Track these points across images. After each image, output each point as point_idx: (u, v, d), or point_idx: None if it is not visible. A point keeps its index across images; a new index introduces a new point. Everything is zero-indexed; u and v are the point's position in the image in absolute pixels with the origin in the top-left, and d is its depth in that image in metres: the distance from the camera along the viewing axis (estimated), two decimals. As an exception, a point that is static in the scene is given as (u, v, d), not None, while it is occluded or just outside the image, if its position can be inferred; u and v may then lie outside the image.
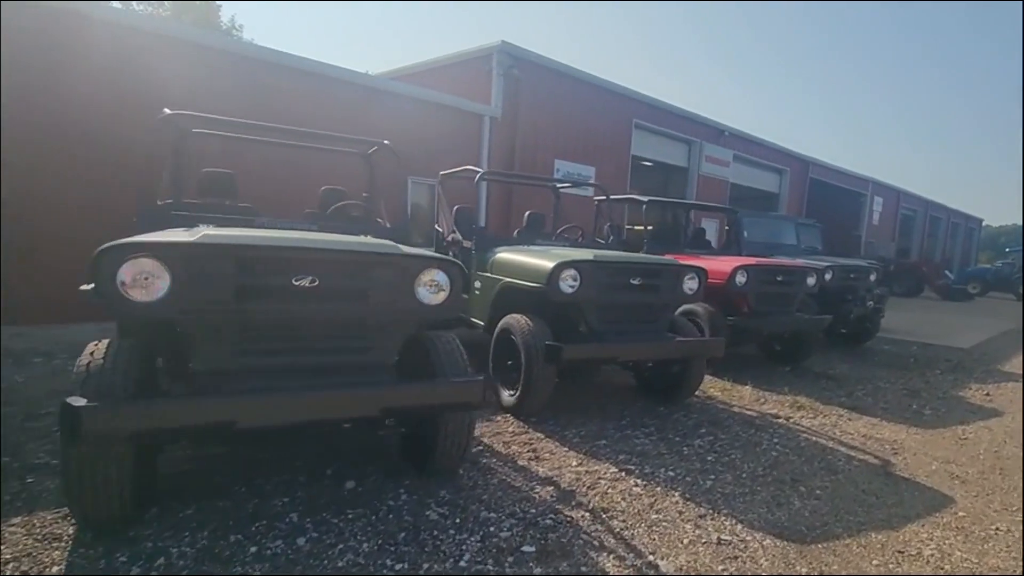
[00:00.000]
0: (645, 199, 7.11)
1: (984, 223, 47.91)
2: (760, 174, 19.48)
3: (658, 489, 3.00)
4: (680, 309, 5.98)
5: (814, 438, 4.06)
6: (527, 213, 6.52)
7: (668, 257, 5.23)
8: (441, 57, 12.28)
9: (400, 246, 2.70)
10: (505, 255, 4.52)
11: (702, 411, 4.53)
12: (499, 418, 4.02)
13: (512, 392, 4.02)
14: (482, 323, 4.66)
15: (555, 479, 3.03)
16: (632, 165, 16.70)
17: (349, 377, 2.50)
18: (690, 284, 4.39)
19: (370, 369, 2.59)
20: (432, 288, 2.62)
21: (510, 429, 3.80)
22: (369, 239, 2.99)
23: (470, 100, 10.84)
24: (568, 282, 3.84)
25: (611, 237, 6.46)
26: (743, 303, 5.98)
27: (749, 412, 4.61)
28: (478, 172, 5.28)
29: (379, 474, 2.94)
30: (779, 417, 4.50)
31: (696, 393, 5.04)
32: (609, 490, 2.94)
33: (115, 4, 28.67)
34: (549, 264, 3.86)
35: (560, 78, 12.06)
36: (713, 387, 5.35)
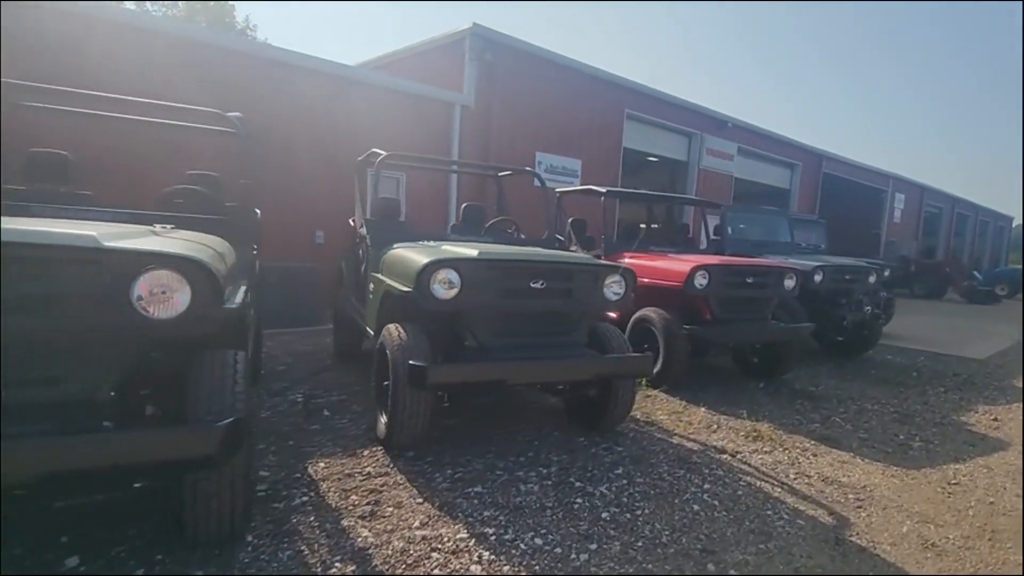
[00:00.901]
0: (603, 189, 6.30)
1: (1015, 222, 45.68)
2: (769, 169, 18.41)
3: (506, 569, 2.23)
4: (636, 315, 5.23)
5: (760, 483, 3.24)
6: (464, 205, 5.78)
7: (598, 257, 4.43)
8: (415, 44, 11.58)
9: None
10: (392, 252, 3.77)
11: (632, 442, 3.74)
12: (366, 451, 3.29)
13: (385, 420, 3.29)
14: (372, 333, 3.93)
15: (372, 551, 2.28)
16: (636, 160, 15.85)
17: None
18: (614, 288, 3.59)
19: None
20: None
21: (367, 468, 3.06)
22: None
23: (441, 88, 10.12)
24: (443, 285, 3.08)
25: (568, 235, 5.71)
26: (705, 308, 5.15)
27: (690, 444, 3.79)
28: (380, 155, 4.54)
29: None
30: (725, 452, 3.68)
31: (638, 417, 4.26)
32: (436, 570, 2.18)
33: (129, 5, 28.80)
34: (420, 262, 3.11)
35: (541, 64, 11.26)
36: (662, 409, 4.54)
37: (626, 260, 5.77)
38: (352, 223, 5.38)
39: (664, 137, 14.65)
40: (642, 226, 8.00)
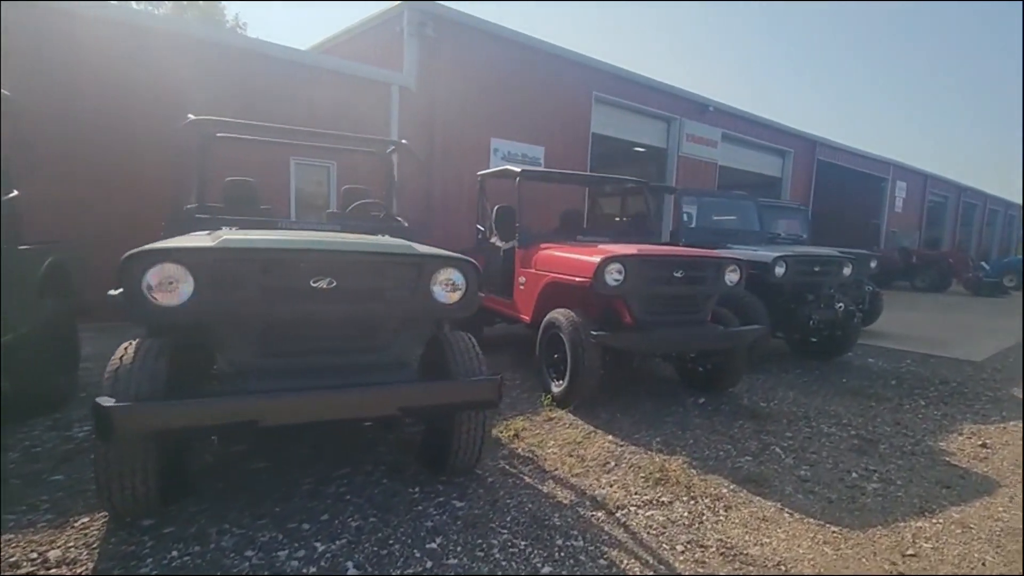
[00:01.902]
0: (518, 169, 5.36)
1: (1027, 210, 44.14)
2: (758, 156, 17.37)
3: None
4: (546, 319, 4.31)
5: (628, 560, 2.29)
6: (343, 188, 4.87)
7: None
8: (355, 24, 10.66)
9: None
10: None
11: (484, 493, 2.80)
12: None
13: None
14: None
15: None
16: (621, 150, 14.89)
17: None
18: (447, 287, 2.65)
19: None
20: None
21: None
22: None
23: (376, 67, 9.20)
24: (164, 288, 2.16)
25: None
26: (624, 309, 4.20)
27: (564, 494, 2.85)
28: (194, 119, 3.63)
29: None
30: (605, 507, 2.73)
31: (519, 451, 3.33)
32: None
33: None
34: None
35: (494, 42, 10.31)
36: (557, 438, 3.60)
37: (540, 252, 4.84)
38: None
39: (640, 122, 13.66)
40: (617, 218, 7.06)
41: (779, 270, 5.71)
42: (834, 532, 2.59)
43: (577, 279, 4.15)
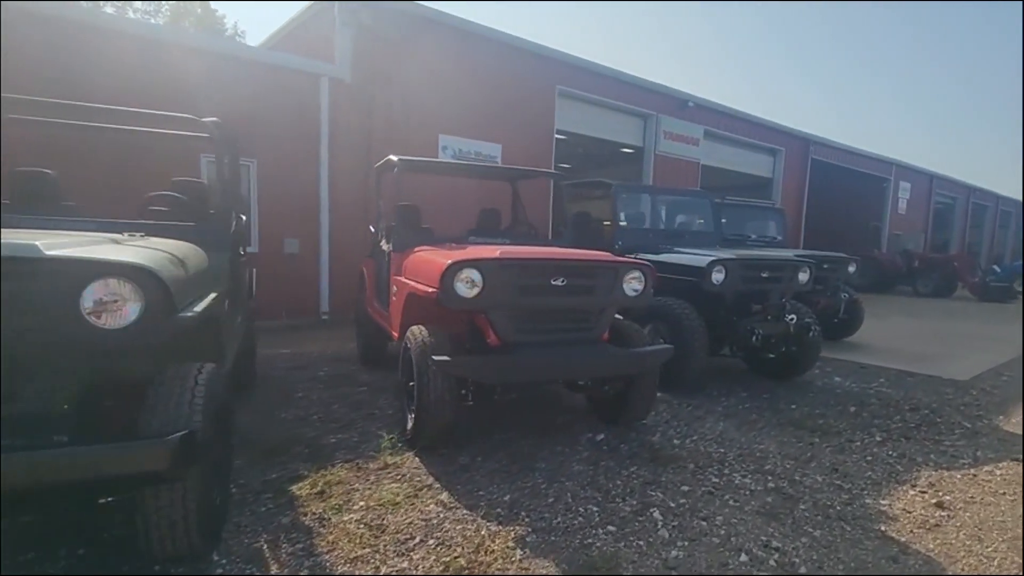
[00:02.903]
0: (396, 159, 4.56)
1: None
2: (746, 155, 16.44)
3: None
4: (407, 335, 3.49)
5: None
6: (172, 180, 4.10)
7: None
8: (296, 15, 9.96)
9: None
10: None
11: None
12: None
13: None
14: None
15: None
16: (607, 151, 14.03)
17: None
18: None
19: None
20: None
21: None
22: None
23: (302, 57, 8.46)
24: None
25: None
26: (487, 327, 3.37)
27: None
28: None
29: None
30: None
31: (305, 522, 2.51)
32: None
33: (108, 8, 27.83)
34: None
35: (442, 31, 9.54)
36: (377, 495, 2.77)
37: (410, 257, 4.02)
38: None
39: (612, 119, 12.82)
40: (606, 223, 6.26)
41: (717, 276, 4.84)
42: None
43: (427, 289, 3.33)
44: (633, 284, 3.58)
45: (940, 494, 3.08)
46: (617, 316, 3.82)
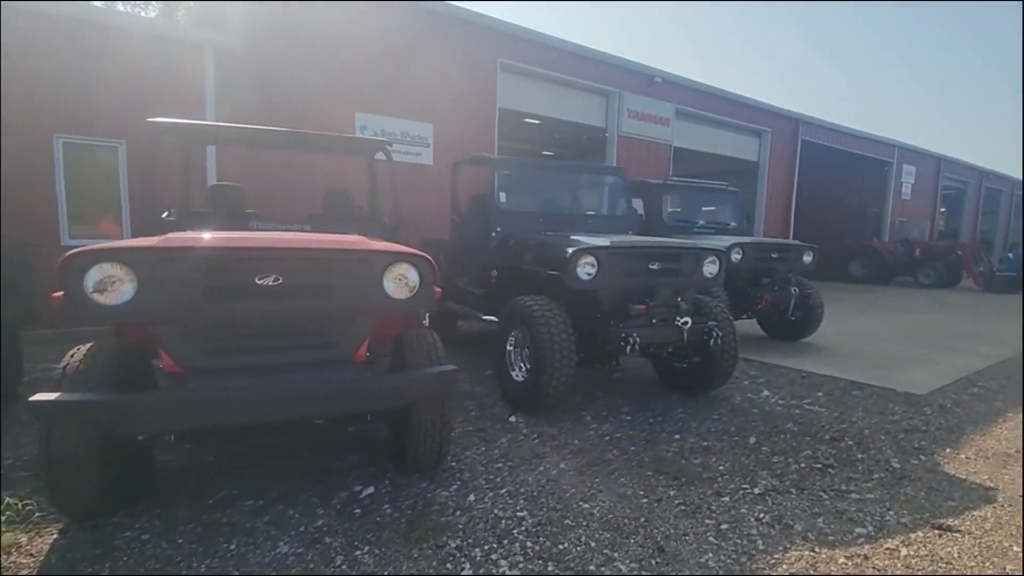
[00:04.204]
0: (160, 121, 3.58)
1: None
2: (727, 136, 15.22)
3: None
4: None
5: None
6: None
7: None
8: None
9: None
10: None
11: None
12: None
13: None
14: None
15: None
16: (588, 136, 12.89)
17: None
18: None
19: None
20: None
21: None
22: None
23: (184, 25, 7.50)
24: None
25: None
26: (160, 349, 2.37)
27: None
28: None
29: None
30: None
31: None
32: None
33: (98, 4, 27.05)
34: None
35: (355, -4, 8.51)
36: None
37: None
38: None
39: (569, 97, 11.72)
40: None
41: (586, 270, 3.81)
42: None
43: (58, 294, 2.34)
44: (400, 281, 2.57)
45: (798, 598, 2.05)
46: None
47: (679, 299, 4.07)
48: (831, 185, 20.65)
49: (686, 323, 3.89)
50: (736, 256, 6.28)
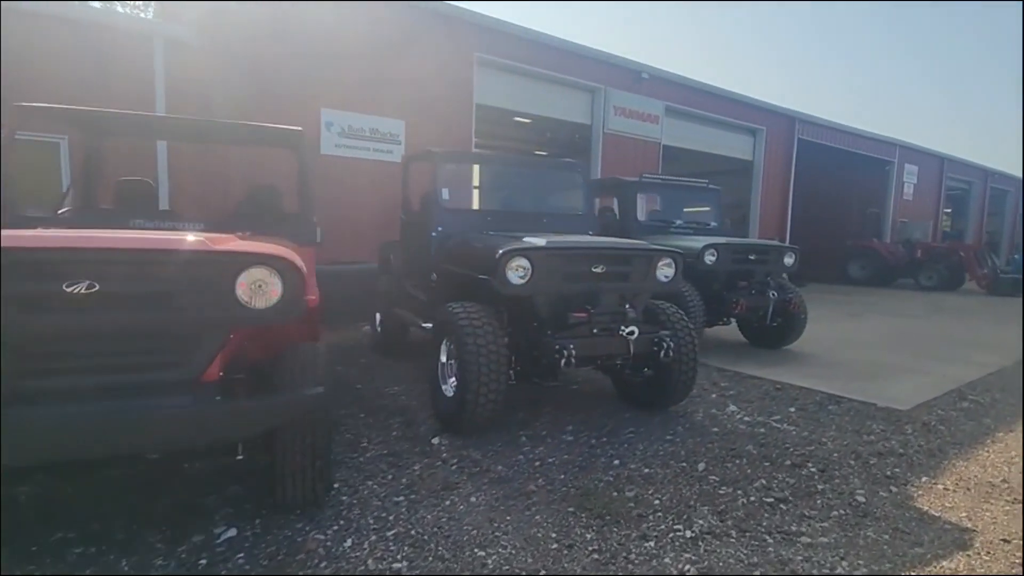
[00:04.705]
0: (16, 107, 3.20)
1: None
2: (720, 135, 14.77)
3: None
4: None
5: None
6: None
7: None
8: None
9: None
10: None
11: None
12: None
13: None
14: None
15: None
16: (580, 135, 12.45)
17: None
18: None
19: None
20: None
21: None
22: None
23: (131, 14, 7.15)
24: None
25: None
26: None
27: None
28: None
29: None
30: None
31: None
32: None
33: (95, 4, 27.00)
34: None
35: (319, -13, 8.14)
36: None
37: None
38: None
39: (552, 93, 11.31)
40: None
41: (518, 275, 3.40)
42: None
43: None
44: (257, 288, 2.16)
45: None
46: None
47: (627, 306, 3.65)
48: (830, 185, 20.16)
49: (632, 333, 3.48)
50: (710, 258, 5.86)
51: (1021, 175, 28.41)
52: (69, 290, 1.92)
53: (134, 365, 2.09)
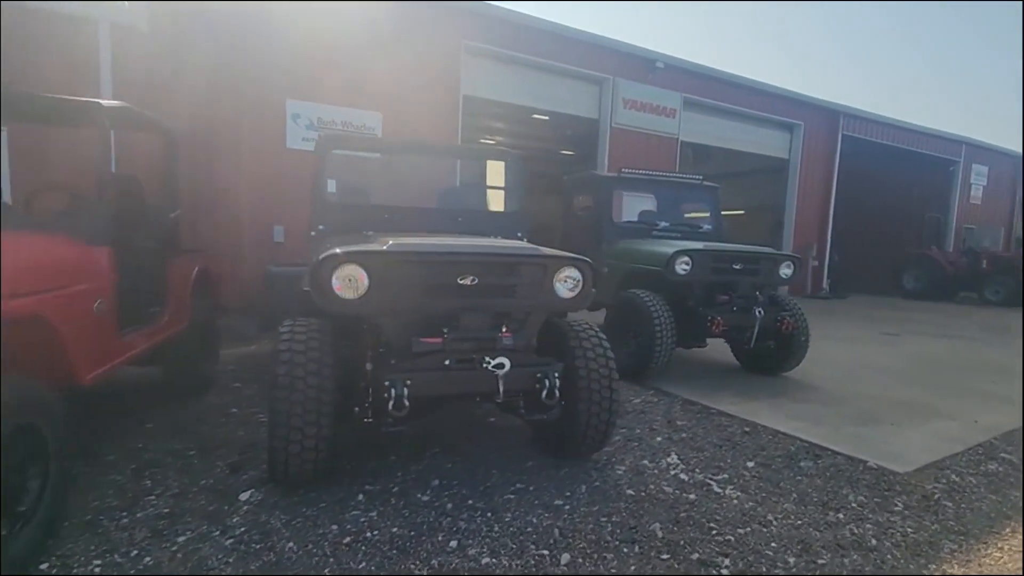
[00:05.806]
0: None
1: None
2: (751, 131, 13.48)
3: None
4: None
5: None
6: None
7: None
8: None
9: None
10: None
11: None
12: None
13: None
14: None
15: None
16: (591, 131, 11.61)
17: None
18: None
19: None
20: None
21: None
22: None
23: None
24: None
25: None
26: None
27: None
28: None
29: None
30: None
31: None
32: None
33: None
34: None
35: (285, -31, 7.60)
36: None
37: None
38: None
39: (554, 85, 10.46)
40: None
41: (349, 288, 2.60)
42: None
43: None
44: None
45: None
46: None
47: (503, 329, 2.80)
48: (881, 187, 18.37)
49: (501, 366, 2.63)
50: (683, 267, 4.90)
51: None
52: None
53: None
